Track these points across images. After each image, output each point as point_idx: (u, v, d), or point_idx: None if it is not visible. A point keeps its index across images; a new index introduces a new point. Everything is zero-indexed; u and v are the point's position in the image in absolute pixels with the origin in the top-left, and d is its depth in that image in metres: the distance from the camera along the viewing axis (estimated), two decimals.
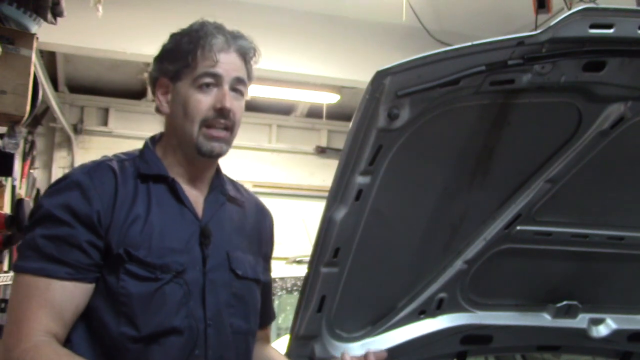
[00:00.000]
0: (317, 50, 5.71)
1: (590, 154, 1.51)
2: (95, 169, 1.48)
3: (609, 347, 2.00)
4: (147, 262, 1.42)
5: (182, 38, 1.55)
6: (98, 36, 5.02)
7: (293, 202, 7.78)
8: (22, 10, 2.89)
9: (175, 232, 1.48)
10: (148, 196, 1.49)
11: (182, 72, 1.53)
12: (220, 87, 1.52)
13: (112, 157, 1.54)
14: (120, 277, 1.40)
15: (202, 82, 1.51)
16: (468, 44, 1.25)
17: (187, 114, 1.51)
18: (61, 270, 1.38)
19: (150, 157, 1.56)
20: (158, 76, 1.57)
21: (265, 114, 8.06)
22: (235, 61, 1.55)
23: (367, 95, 1.29)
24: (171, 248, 1.45)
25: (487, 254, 1.72)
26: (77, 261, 1.39)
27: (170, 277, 1.43)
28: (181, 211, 1.52)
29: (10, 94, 2.82)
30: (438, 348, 1.87)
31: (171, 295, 1.42)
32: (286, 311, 3.84)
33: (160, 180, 1.53)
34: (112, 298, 1.41)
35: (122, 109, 7.50)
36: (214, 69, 1.51)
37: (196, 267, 1.48)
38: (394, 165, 1.42)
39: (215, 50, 1.52)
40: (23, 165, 5.91)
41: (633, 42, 1.26)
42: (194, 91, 1.51)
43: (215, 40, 1.53)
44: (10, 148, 3.14)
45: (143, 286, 1.41)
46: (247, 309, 1.58)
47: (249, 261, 1.61)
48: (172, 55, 1.55)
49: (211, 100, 1.51)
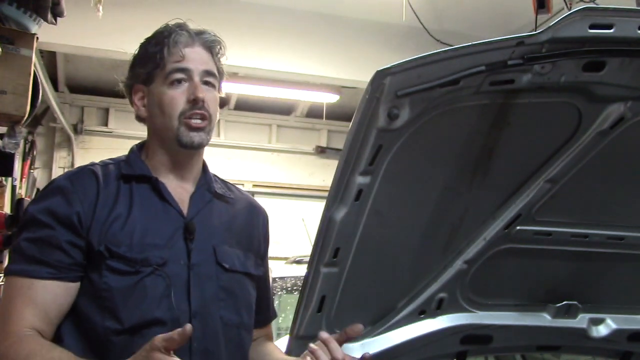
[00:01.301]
0: (317, 50, 5.71)
1: (590, 154, 1.51)
2: (76, 174, 1.55)
3: (609, 347, 2.00)
4: (127, 257, 1.46)
5: (148, 43, 1.62)
6: (98, 36, 5.02)
7: (293, 202, 7.79)
8: (22, 10, 2.89)
9: (157, 228, 1.52)
10: (130, 196, 1.54)
11: (153, 74, 1.59)
12: (191, 81, 1.58)
13: (97, 163, 1.61)
14: (102, 274, 1.45)
15: (173, 78, 1.57)
16: (468, 44, 1.25)
17: (164, 111, 1.57)
18: (43, 271, 1.43)
19: (134, 160, 1.62)
20: (132, 83, 1.64)
21: (265, 114, 8.07)
22: (202, 55, 1.61)
23: (367, 95, 1.28)
24: (153, 244, 1.49)
25: (487, 254, 1.72)
26: (58, 261, 1.44)
27: (151, 270, 1.47)
28: (165, 209, 1.56)
29: (10, 94, 2.82)
30: (438, 348, 1.87)
31: (152, 288, 1.46)
32: (286, 311, 3.84)
33: (143, 180, 1.58)
34: (96, 294, 1.45)
35: (122, 109, 7.50)
36: (181, 64, 1.57)
37: (180, 261, 1.51)
38: (394, 165, 1.42)
39: (180, 46, 1.58)
40: (23, 165, 5.91)
41: (633, 42, 1.26)
42: (166, 88, 1.57)
43: (179, 37, 1.59)
44: (10, 148, 3.14)
45: (124, 280, 1.45)
46: (238, 302, 1.60)
47: (238, 255, 1.63)
48: (141, 60, 1.62)
49: (184, 94, 1.57)
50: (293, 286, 3.95)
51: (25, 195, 5.65)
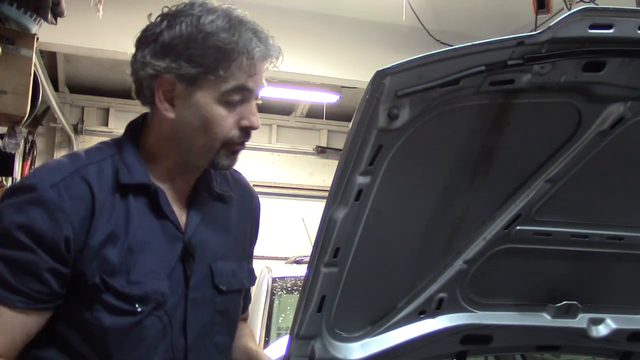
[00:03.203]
0: (317, 50, 5.72)
1: (590, 154, 1.51)
2: (66, 184, 1.28)
3: (609, 347, 2.00)
4: (125, 294, 1.30)
5: (208, 34, 1.29)
6: (98, 36, 5.03)
7: (293, 202, 7.80)
8: (23, 10, 2.90)
9: (156, 251, 1.36)
10: (127, 211, 1.34)
11: (203, 79, 1.31)
12: (248, 104, 1.36)
13: (90, 161, 1.35)
14: (95, 308, 1.29)
15: (233, 99, 1.33)
16: (468, 44, 1.25)
17: (209, 130, 1.33)
18: (15, 299, 1.25)
19: (133, 162, 1.38)
20: (163, 72, 1.32)
21: (265, 114, 8.07)
22: (264, 69, 1.39)
23: (367, 95, 1.28)
24: (152, 271, 1.35)
25: (487, 254, 1.72)
26: (34, 291, 1.26)
27: (150, 310, 1.33)
28: (162, 226, 1.39)
29: (11, 94, 2.83)
30: (438, 348, 1.87)
31: (150, 329, 1.33)
32: (286, 311, 3.84)
33: (141, 190, 1.37)
34: (85, 330, 1.31)
35: (122, 109, 7.52)
36: (248, 83, 1.34)
37: (178, 290, 1.39)
38: (394, 165, 1.42)
39: (256, 62, 1.33)
40: (23, 165, 5.91)
41: (633, 42, 1.26)
42: (219, 106, 1.33)
43: (257, 49, 1.33)
44: (10, 148, 3.15)
45: (120, 320, 1.30)
46: (231, 322, 1.55)
47: (233, 270, 1.54)
48: (191, 54, 1.30)
49: (236, 117, 1.35)
50: (293, 286, 3.95)
51: None
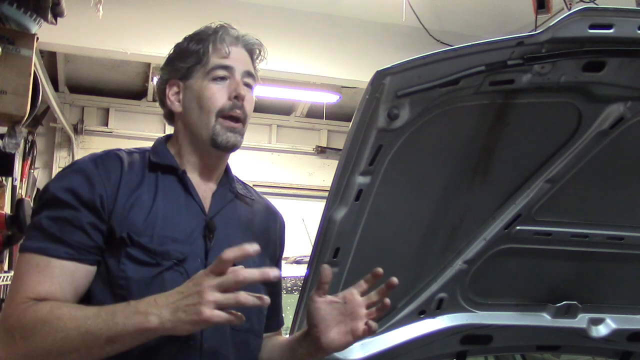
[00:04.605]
0: (317, 50, 5.72)
1: (590, 154, 1.51)
2: (102, 157, 1.52)
3: (609, 347, 2.00)
4: (148, 248, 1.43)
5: (191, 40, 1.60)
6: (98, 36, 5.02)
7: (293, 202, 7.79)
8: (23, 10, 2.89)
9: (179, 222, 1.49)
10: (155, 185, 1.52)
11: (193, 69, 1.58)
12: (233, 79, 1.58)
13: (123, 149, 1.58)
14: (121, 261, 1.42)
15: (216, 74, 1.56)
16: (468, 44, 1.25)
17: (203, 106, 1.56)
18: (62, 250, 1.39)
19: (162, 150, 1.60)
20: (169, 77, 1.61)
21: (265, 114, 8.07)
22: (244, 56, 1.62)
23: (367, 95, 1.29)
24: (173, 237, 1.47)
25: (487, 254, 1.72)
26: (78, 242, 1.41)
27: (171, 264, 1.44)
28: (187, 203, 1.54)
29: (11, 94, 2.83)
30: (438, 348, 1.87)
31: (170, 283, 1.41)
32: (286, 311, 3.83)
33: (169, 171, 1.56)
34: (112, 281, 1.42)
35: (122, 109, 7.51)
36: (226, 61, 1.57)
37: (197, 259, 1.48)
38: (394, 165, 1.42)
39: (227, 43, 1.58)
40: (23, 165, 5.91)
41: (633, 42, 1.26)
42: (208, 83, 1.56)
43: (225, 35, 1.59)
44: (10, 148, 3.15)
45: (142, 271, 1.42)
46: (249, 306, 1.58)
47: (253, 260, 1.59)
48: (182, 55, 1.60)
49: (226, 91, 1.57)
50: (293, 286, 3.94)
51: (25, 196, 5.65)
